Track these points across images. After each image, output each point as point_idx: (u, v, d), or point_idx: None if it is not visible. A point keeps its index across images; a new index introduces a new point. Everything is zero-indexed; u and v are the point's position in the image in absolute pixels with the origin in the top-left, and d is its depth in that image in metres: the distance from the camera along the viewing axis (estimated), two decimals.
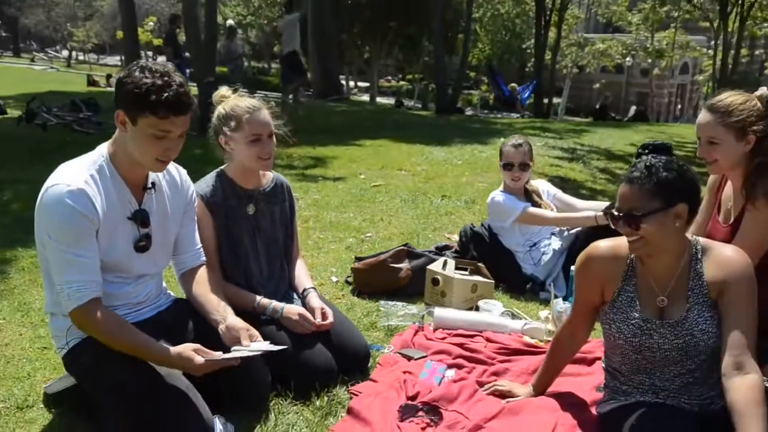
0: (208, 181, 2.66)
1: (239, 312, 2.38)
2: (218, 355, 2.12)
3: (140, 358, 2.09)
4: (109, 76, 25.23)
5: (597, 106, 20.10)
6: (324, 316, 2.62)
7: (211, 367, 2.11)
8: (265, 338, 2.32)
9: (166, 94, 1.99)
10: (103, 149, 2.14)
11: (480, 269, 3.61)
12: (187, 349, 2.09)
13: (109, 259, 2.11)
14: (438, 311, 3.18)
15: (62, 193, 1.98)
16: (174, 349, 2.08)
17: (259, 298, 2.62)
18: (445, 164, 7.68)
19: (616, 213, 2.01)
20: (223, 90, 2.67)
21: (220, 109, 2.60)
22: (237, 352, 2.16)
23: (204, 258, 2.48)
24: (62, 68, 37.22)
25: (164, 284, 2.47)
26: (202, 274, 2.44)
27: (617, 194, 2.03)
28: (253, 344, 2.23)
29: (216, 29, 10.48)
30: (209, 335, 2.25)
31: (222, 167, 2.73)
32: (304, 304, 2.69)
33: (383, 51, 29.71)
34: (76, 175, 2.04)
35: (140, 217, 2.19)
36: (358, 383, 2.58)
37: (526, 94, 22.82)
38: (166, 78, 2.01)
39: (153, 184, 2.24)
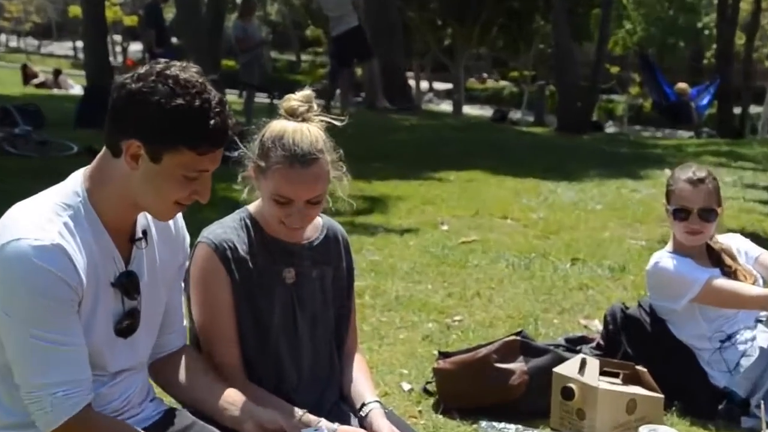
0: (227, 226, 2.69)
1: None
2: None
3: None
4: (58, 72, 26.40)
5: None
6: None
7: None
8: None
9: (211, 122, 2.05)
10: (76, 185, 2.19)
11: (640, 375, 3.60)
12: None
13: None
14: None
15: (28, 251, 2.01)
16: None
17: (299, 411, 2.64)
18: (575, 210, 7.75)
19: None
20: (293, 100, 2.62)
21: (266, 130, 2.58)
22: None
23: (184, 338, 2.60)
24: None
25: (150, 384, 2.54)
26: (192, 354, 2.55)
27: None
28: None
29: (224, 3, 10.81)
30: None
31: (247, 207, 2.74)
32: (364, 426, 2.69)
33: (474, 35, 30.09)
34: (45, 223, 2.07)
35: (127, 284, 2.25)
36: None
37: (705, 100, 22.73)
38: (204, 95, 2.06)
39: (144, 233, 2.31)
